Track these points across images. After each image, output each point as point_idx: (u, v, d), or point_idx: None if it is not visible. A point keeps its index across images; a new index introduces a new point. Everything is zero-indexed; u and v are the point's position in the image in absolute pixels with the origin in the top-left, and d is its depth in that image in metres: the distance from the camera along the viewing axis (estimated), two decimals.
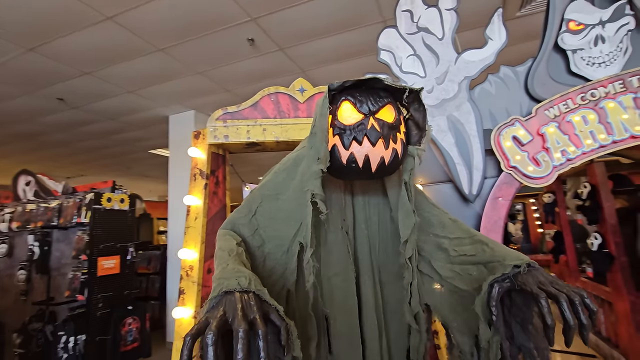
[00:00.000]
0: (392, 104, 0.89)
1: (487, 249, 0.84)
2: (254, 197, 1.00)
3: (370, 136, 0.84)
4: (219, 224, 1.71)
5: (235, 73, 3.87)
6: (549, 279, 0.71)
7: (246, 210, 0.99)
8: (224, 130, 1.61)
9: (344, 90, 0.89)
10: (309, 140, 0.91)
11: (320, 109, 0.86)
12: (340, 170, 0.88)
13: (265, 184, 1.01)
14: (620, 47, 1.45)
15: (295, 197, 0.91)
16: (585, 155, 1.41)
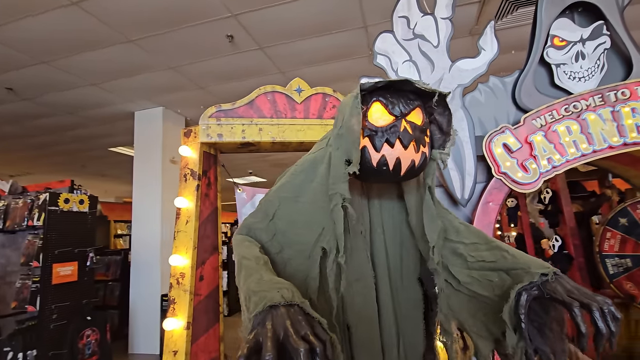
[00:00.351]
0: (420, 107, 0.88)
1: (507, 256, 0.85)
2: (271, 201, 0.95)
3: (403, 139, 0.83)
4: (211, 228, 1.62)
5: (210, 70, 3.72)
6: (575, 287, 0.73)
7: (262, 214, 0.94)
8: (217, 128, 1.52)
9: (374, 91, 0.86)
10: (335, 141, 0.87)
11: (350, 109, 0.82)
12: (368, 172, 0.85)
13: (282, 186, 0.96)
14: (597, 63, 1.57)
15: (316, 200, 0.87)
16: (568, 163, 1.50)
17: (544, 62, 1.63)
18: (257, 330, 0.53)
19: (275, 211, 0.92)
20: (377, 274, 0.92)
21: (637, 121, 1.45)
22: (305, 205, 0.90)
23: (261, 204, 0.97)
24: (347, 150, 0.83)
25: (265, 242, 0.90)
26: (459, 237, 0.94)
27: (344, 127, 0.84)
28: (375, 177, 0.88)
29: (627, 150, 1.47)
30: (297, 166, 0.99)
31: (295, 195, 0.92)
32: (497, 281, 0.85)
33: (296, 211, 0.90)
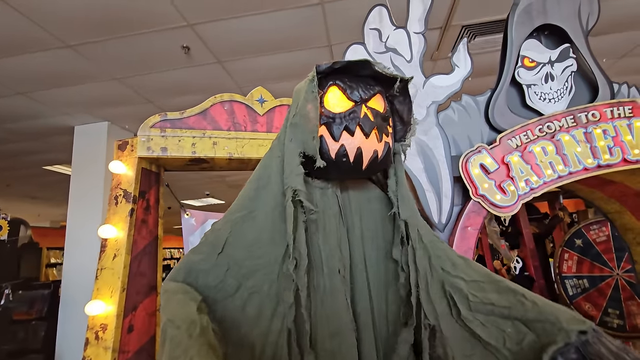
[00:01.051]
0: (381, 94, 0.79)
1: (526, 302, 0.70)
2: (219, 229, 0.75)
3: (364, 126, 0.74)
4: (148, 263, 1.32)
5: (162, 83, 3.43)
6: (621, 348, 0.58)
7: (208, 248, 0.73)
8: (161, 141, 1.27)
9: (331, 74, 0.77)
10: (289, 132, 0.76)
11: (305, 94, 0.73)
12: (326, 165, 0.73)
13: (231, 207, 0.78)
14: (566, 85, 1.56)
15: (276, 205, 0.72)
16: (545, 185, 1.44)
17: (515, 82, 1.60)
18: None
19: (226, 239, 0.73)
20: (359, 325, 0.73)
21: (608, 143, 1.43)
22: (263, 217, 0.73)
23: (206, 235, 0.75)
24: (303, 141, 0.73)
25: (213, 287, 0.69)
26: (456, 272, 0.78)
27: (298, 115, 0.74)
28: (335, 171, 0.76)
29: (601, 172, 1.44)
30: (250, 179, 0.80)
31: (250, 211, 0.75)
32: (511, 332, 0.69)
33: (254, 229, 0.73)
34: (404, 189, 0.83)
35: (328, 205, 0.77)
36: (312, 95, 0.72)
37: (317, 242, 0.73)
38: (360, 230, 0.80)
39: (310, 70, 0.75)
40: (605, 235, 3.07)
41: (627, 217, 1.80)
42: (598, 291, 3.02)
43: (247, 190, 0.78)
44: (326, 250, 0.73)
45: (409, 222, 0.78)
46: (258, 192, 0.76)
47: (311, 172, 0.75)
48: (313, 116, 0.72)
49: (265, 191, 0.75)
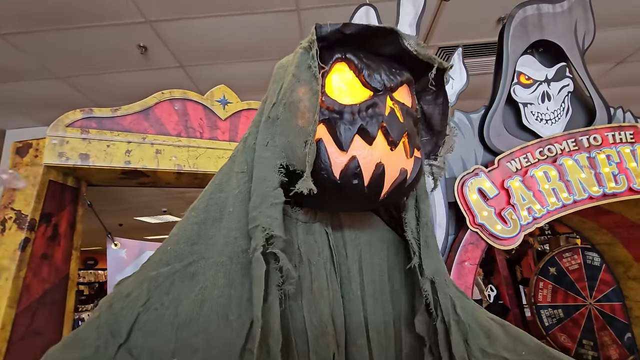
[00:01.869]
0: (409, 85, 0.54)
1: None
2: (127, 295, 0.44)
3: (390, 129, 0.47)
4: (47, 316, 0.92)
5: (113, 86, 3.05)
6: None
7: (98, 335, 0.42)
8: (81, 145, 0.95)
9: (336, 45, 0.50)
10: (264, 131, 0.48)
11: (296, 71, 0.46)
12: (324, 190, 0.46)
13: (154, 255, 0.48)
14: (562, 106, 1.45)
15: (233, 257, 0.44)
16: (549, 214, 1.28)
17: (510, 100, 1.46)
18: None
19: (135, 317, 0.42)
20: None
21: (613, 170, 1.30)
22: (210, 276, 0.44)
23: (99, 308, 0.45)
24: (287, 146, 0.46)
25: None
26: (494, 348, 0.54)
27: (282, 105, 0.47)
28: (337, 199, 0.49)
29: (606, 201, 1.30)
30: (192, 206, 0.52)
31: (187, 263, 0.45)
32: None
33: (191, 296, 0.43)
34: (430, 230, 0.57)
35: (315, 250, 0.51)
36: (309, 73, 0.46)
37: (298, 314, 0.46)
38: (360, 285, 0.54)
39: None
40: (577, 264, 3.04)
41: (618, 249, 1.70)
42: (572, 321, 2.95)
43: (186, 226, 0.49)
44: (314, 323, 0.47)
45: (438, 282, 0.53)
46: (204, 230, 0.48)
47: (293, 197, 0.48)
48: (308, 106, 0.45)
49: (217, 229, 0.47)
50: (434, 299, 0.52)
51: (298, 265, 0.48)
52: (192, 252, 0.46)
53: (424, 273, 0.53)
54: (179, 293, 0.43)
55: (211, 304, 0.42)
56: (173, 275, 0.44)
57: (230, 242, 0.44)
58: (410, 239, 0.55)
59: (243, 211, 0.45)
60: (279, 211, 0.43)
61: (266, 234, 0.41)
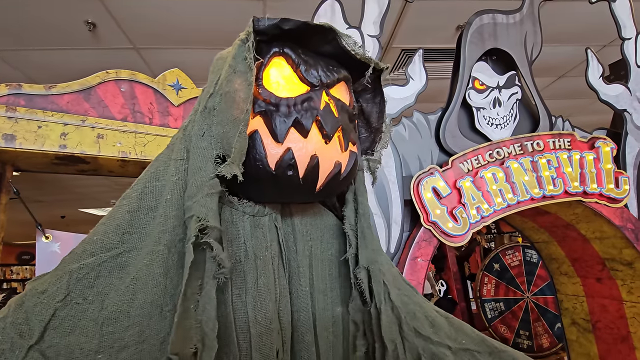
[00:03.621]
0: (347, 82, 0.57)
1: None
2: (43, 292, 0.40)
3: (324, 122, 0.49)
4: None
5: (55, 63, 2.79)
6: None
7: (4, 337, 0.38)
8: (6, 124, 0.83)
9: (275, 39, 0.51)
10: (200, 121, 0.48)
11: (233, 62, 0.47)
12: (259, 181, 0.47)
13: (80, 245, 0.44)
14: (511, 112, 1.54)
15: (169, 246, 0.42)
16: (496, 213, 1.36)
17: (465, 104, 1.52)
18: None
19: (52, 314, 0.38)
20: None
21: (552, 174, 1.41)
22: (143, 265, 0.42)
23: (8, 306, 0.41)
24: (222, 136, 0.46)
25: None
26: (438, 336, 0.56)
27: (218, 96, 0.47)
28: (274, 190, 0.50)
29: (545, 203, 1.40)
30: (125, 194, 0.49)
31: (118, 253, 0.43)
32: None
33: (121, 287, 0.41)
34: (366, 221, 0.59)
35: (263, 245, 0.50)
36: (245, 65, 0.46)
37: (242, 311, 0.44)
38: (309, 281, 0.53)
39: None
40: (518, 260, 3.29)
41: (553, 247, 1.85)
42: (512, 313, 3.19)
43: (116, 215, 0.46)
44: (258, 320, 0.45)
45: (372, 271, 0.54)
46: (137, 219, 0.45)
47: (236, 188, 0.46)
48: (243, 97, 0.46)
49: (151, 217, 0.45)
50: (368, 287, 0.53)
51: (243, 260, 0.46)
52: (122, 242, 0.43)
53: (359, 262, 0.53)
54: (106, 286, 0.40)
55: (145, 295, 0.39)
56: (99, 266, 0.41)
57: (168, 230, 0.42)
58: (348, 231, 0.57)
59: (179, 202, 0.43)
60: (214, 201, 0.42)
61: (200, 224, 0.40)
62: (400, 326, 0.54)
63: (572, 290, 1.82)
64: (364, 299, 0.55)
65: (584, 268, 1.72)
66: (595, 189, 1.42)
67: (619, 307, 1.57)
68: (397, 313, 0.54)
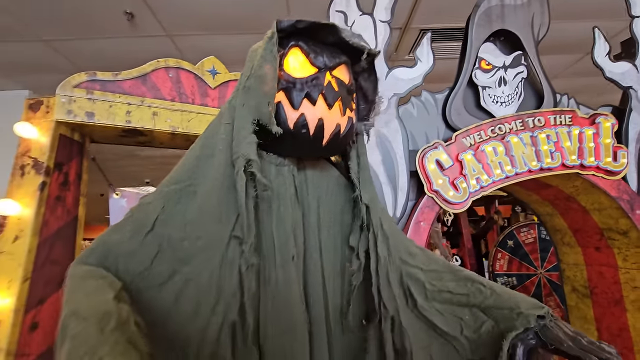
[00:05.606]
0: (346, 65, 0.74)
1: (484, 290, 0.69)
2: (148, 203, 0.63)
3: (327, 95, 0.67)
4: (62, 249, 1.09)
5: (99, 52, 3.05)
6: (576, 332, 0.59)
7: (133, 225, 0.61)
8: (87, 104, 1.07)
9: (292, 36, 0.69)
10: (241, 96, 0.67)
11: (263, 53, 0.65)
12: (282, 138, 0.65)
13: (165, 179, 0.67)
14: (516, 91, 1.63)
15: (225, 176, 0.62)
16: (494, 184, 1.49)
17: (471, 84, 1.63)
18: None
19: (157, 216, 0.61)
20: (310, 319, 0.65)
21: (550, 148, 1.51)
22: (206, 191, 0.62)
23: (131, 211, 0.64)
24: (257, 106, 0.64)
25: (137, 273, 0.57)
26: (414, 261, 0.74)
27: (253, 77, 0.65)
28: (292, 144, 0.69)
29: (543, 175, 1.52)
30: (189, 149, 0.70)
31: (189, 184, 0.64)
32: (469, 319, 0.67)
33: (194, 205, 0.62)
34: (366, 172, 0.77)
35: (283, 185, 0.69)
36: (271, 55, 0.64)
37: (269, 226, 0.64)
38: (317, 215, 0.72)
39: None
40: (532, 237, 3.36)
41: (556, 219, 1.95)
42: (524, 288, 3.29)
43: (187, 160, 0.67)
44: (280, 235, 0.65)
45: (371, 206, 0.72)
46: (201, 162, 0.65)
47: (266, 145, 0.66)
48: (270, 78, 0.64)
49: (210, 161, 0.64)
50: (367, 218, 0.71)
51: (269, 193, 0.66)
52: (192, 177, 0.64)
53: (362, 200, 0.71)
54: (185, 203, 0.61)
55: (209, 208, 0.59)
56: (180, 191, 0.62)
57: (221, 171, 0.62)
58: (354, 178, 0.74)
59: (228, 150, 0.63)
60: (253, 148, 0.62)
61: (245, 159, 0.59)
62: (389, 248, 0.72)
63: (574, 260, 1.93)
64: (361, 227, 0.72)
65: (584, 238, 1.82)
66: (593, 162, 1.52)
67: (614, 273, 1.69)
68: (387, 238, 0.72)
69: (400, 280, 0.71)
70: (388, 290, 0.68)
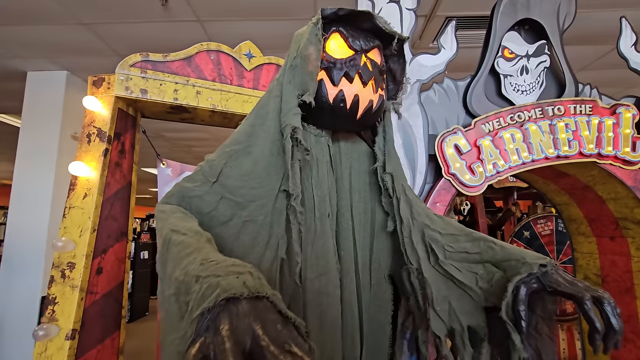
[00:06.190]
0: (379, 49, 0.83)
1: (495, 247, 0.77)
2: (214, 160, 0.76)
3: (363, 74, 0.77)
4: (120, 208, 1.25)
5: (134, 36, 3.21)
6: (573, 279, 0.67)
7: (202, 176, 0.74)
8: (141, 82, 1.20)
9: (333, 22, 0.79)
10: (288, 73, 0.77)
11: (308, 36, 0.75)
12: (323, 110, 0.76)
13: (227, 141, 0.79)
14: (538, 80, 1.67)
15: (274, 140, 0.73)
16: (510, 169, 1.55)
17: (493, 72, 1.68)
18: (205, 339, 0.33)
19: (220, 170, 0.74)
20: (342, 268, 0.76)
21: (568, 136, 1.55)
22: (260, 151, 0.74)
23: (200, 165, 0.76)
24: (302, 82, 0.74)
25: (206, 213, 0.70)
26: (434, 226, 0.84)
27: (299, 57, 0.75)
28: (331, 117, 0.79)
29: (559, 162, 1.57)
30: (246, 118, 0.81)
31: (246, 145, 0.76)
32: (483, 273, 0.76)
33: (250, 161, 0.74)
34: (392, 145, 0.86)
35: (320, 153, 0.79)
36: (316, 38, 0.74)
37: (310, 185, 0.75)
38: (349, 182, 0.82)
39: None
40: (549, 229, 3.36)
41: (573, 209, 1.99)
42: None
43: (244, 127, 0.79)
44: (318, 194, 0.75)
45: (395, 175, 0.82)
46: (254, 129, 0.77)
47: (307, 118, 0.76)
48: (314, 58, 0.74)
49: (262, 128, 0.76)
50: (392, 186, 0.80)
51: (309, 158, 0.76)
52: (248, 140, 0.76)
53: (386, 170, 0.81)
54: (242, 161, 0.73)
55: (262, 165, 0.71)
56: (238, 151, 0.74)
57: (271, 136, 0.73)
58: (378, 152, 0.84)
59: (277, 119, 0.74)
60: (298, 118, 0.73)
61: (292, 127, 0.70)
62: (412, 212, 0.81)
63: (588, 249, 1.97)
64: (388, 193, 0.82)
65: (599, 227, 1.86)
66: (611, 151, 1.55)
67: (626, 262, 1.72)
68: (410, 203, 0.81)
69: (423, 239, 0.81)
70: (411, 247, 0.78)
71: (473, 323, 0.75)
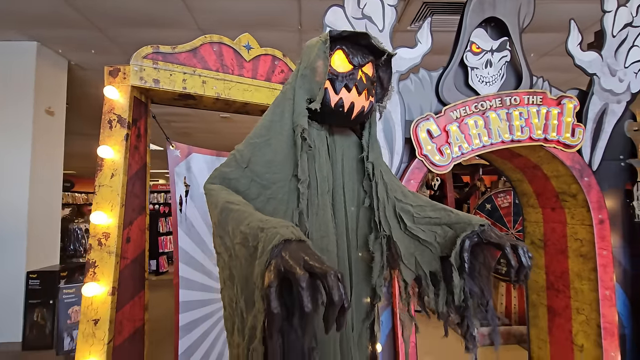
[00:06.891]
0: (372, 62, 1.02)
1: (452, 214, 1.01)
2: (242, 150, 0.95)
3: (359, 86, 0.96)
4: (140, 186, 1.40)
5: (112, 9, 3.15)
6: (502, 234, 0.92)
7: (236, 163, 0.94)
8: (153, 72, 1.31)
9: (337, 40, 0.97)
10: (299, 81, 0.95)
11: (317, 51, 0.93)
12: (325, 112, 0.95)
13: (251, 134, 0.98)
14: (499, 72, 1.90)
15: (289, 136, 0.93)
16: (473, 152, 1.81)
17: (462, 64, 1.89)
18: (277, 261, 0.57)
19: (249, 158, 0.93)
20: (337, 232, 0.98)
21: (521, 123, 1.82)
22: (277, 144, 0.93)
23: (232, 154, 0.95)
24: (310, 90, 0.93)
25: (242, 192, 0.90)
26: (407, 200, 1.07)
27: (309, 68, 0.93)
28: (331, 117, 0.99)
29: (513, 145, 1.84)
30: (264, 114, 1.00)
31: (267, 138, 0.94)
32: (440, 232, 1.01)
33: (270, 152, 0.93)
34: (374, 139, 1.07)
35: (321, 143, 0.99)
36: (324, 55, 0.91)
37: (314, 169, 0.95)
38: (342, 166, 1.03)
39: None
40: (508, 202, 3.77)
41: (525, 184, 2.31)
42: None
43: (264, 122, 0.97)
44: (320, 176, 0.95)
45: (375, 163, 1.03)
46: (273, 125, 0.95)
47: (312, 116, 0.95)
48: (322, 71, 0.91)
49: (279, 124, 0.94)
50: (372, 172, 1.02)
51: (313, 147, 0.96)
52: (268, 133, 0.94)
53: (369, 159, 1.02)
54: (264, 151, 0.92)
55: (281, 156, 0.90)
56: (259, 143, 0.93)
57: (285, 132, 0.92)
58: (364, 143, 1.04)
59: (290, 118, 0.93)
60: (306, 120, 0.92)
61: (301, 127, 0.90)
62: (387, 191, 1.03)
63: (535, 218, 2.31)
64: (369, 177, 1.04)
65: (544, 200, 2.19)
66: (555, 136, 1.84)
67: (562, 228, 2.08)
68: (385, 185, 1.03)
69: (395, 212, 1.04)
70: (385, 219, 1.01)
71: (433, 269, 1.00)
